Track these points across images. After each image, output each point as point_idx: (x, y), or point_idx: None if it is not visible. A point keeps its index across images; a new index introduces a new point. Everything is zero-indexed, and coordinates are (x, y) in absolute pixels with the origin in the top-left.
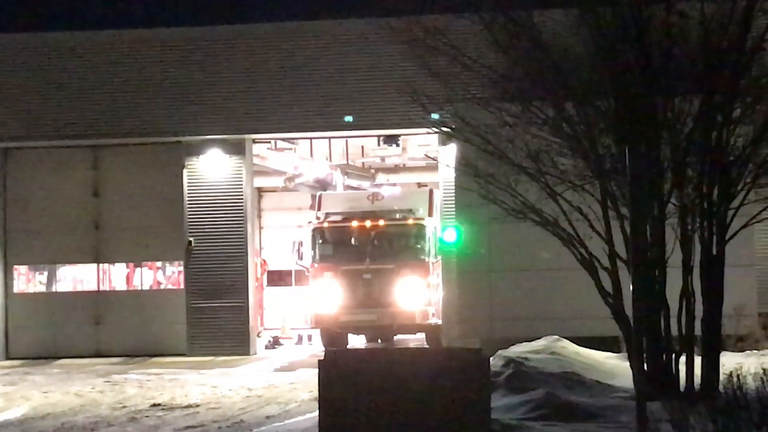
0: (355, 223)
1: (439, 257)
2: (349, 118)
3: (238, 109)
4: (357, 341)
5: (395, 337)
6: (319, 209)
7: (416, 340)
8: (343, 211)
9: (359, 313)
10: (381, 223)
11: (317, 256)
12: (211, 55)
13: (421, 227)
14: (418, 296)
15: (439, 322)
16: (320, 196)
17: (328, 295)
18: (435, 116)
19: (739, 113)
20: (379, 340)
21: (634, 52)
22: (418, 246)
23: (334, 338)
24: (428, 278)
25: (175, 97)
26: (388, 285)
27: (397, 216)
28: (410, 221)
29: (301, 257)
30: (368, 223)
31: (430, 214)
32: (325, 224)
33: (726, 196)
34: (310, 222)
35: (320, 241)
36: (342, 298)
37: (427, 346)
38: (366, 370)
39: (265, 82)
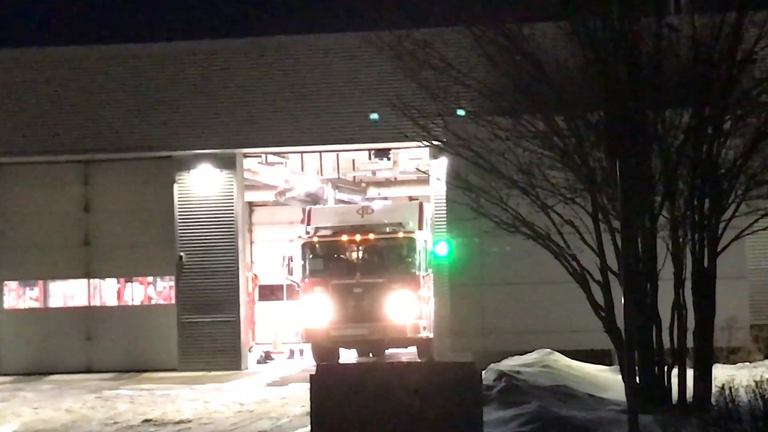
0: (345, 237)
1: (430, 270)
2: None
3: (229, 124)
4: (349, 356)
5: (387, 352)
6: (308, 223)
7: (408, 354)
8: (332, 225)
9: (350, 327)
10: (371, 236)
11: (307, 271)
12: (202, 70)
13: (412, 240)
14: (409, 310)
15: (431, 335)
16: (310, 210)
17: (319, 309)
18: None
19: (730, 126)
20: (371, 354)
21: (624, 65)
22: (409, 259)
23: (325, 353)
24: (419, 291)
25: (166, 112)
26: (378, 299)
27: (387, 229)
28: (400, 234)
29: (291, 272)
30: (358, 237)
31: (420, 228)
32: (315, 238)
33: (717, 209)
34: (300, 236)
35: (310, 255)
36: (332, 312)
37: (419, 360)
38: (358, 385)
39: (255, 97)
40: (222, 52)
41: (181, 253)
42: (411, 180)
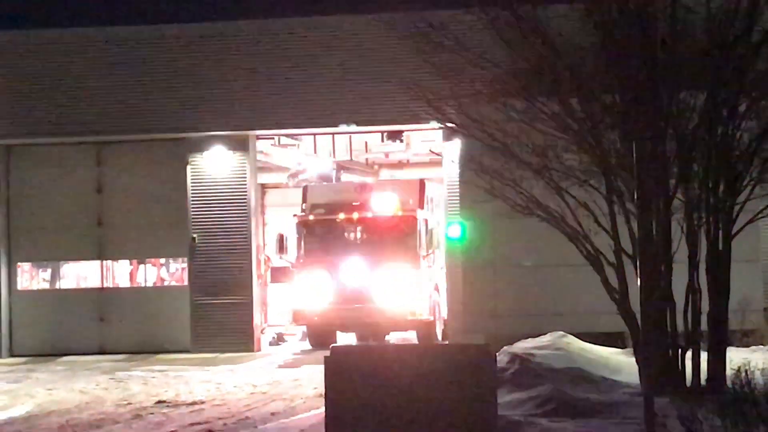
0: (341, 216)
1: (433, 251)
2: (352, 126)
3: (242, 106)
4: (347, 339)
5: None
6: (304, 201)
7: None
8: (329, 203)
9: (344, 309)
10: (368, 215)
11: (302, 250)
12: (215, 51)
13: (411, 220)
14: (407, 291)
15: (431, 318)
16: (305, 188)
17: (312, 290)
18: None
19: (745, 108)
20: (371, 339)
21: (639, 47)
22: (407, 239)
23: (321, 337)
24: (418, 273)
25: (179, 93)
26: (374, 280)
27: (385, 208)
28: (399, 213)
29: (284, 251)
30: (355, 216)
31: (420, 206)
32: (310, 217)
33: (732, 192)
34: (295, 215)
35: (305, 233)
36: (326, 293)
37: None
38: (372, 367)
39: (268, 79)
40: (234, 35)
41: (194, 235)
42: (424, 162)
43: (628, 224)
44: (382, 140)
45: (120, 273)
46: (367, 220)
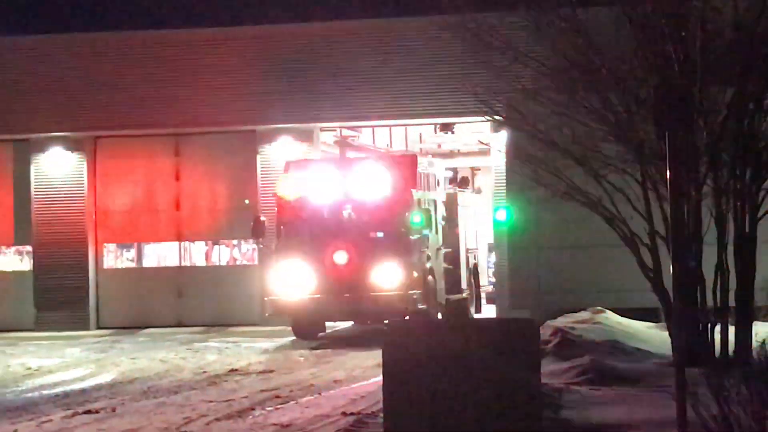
0: (324, 196)
1: (427, 234)
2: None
3: (308, 101)
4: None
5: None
6: (286, 179)
7: None
8: (311, 181)
9: (328, 300)
10: (354, 195)
11: (282, 234)
12: (283, 52)
13: (402, 200)
14: (398, 278)
15: (425, 306)
16: (287, 164)
17: (292, 278)
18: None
19: None
20: (368, 322)
21: (672, 45)
22: (398, 221)
23: (305, 326)
24: (410, 258)
25: (250, 89)
26: (362, 266)
27: (375, 186)
28: (390, 193)
29: (261, 235)
30: (341, 196)
31: (413, 186)
32: (291, 197)
33: (758, 179)
34: (275, 194)
35: (285, 216)
36: (308, 281)
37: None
38: (425, 339)
39: (332, 76)
40: (301, 36)
41: (263, 218)
42: (473, 152)
43: (662, 208)
44: (435, 132)
45: (196, 253)
46: (354, 200)
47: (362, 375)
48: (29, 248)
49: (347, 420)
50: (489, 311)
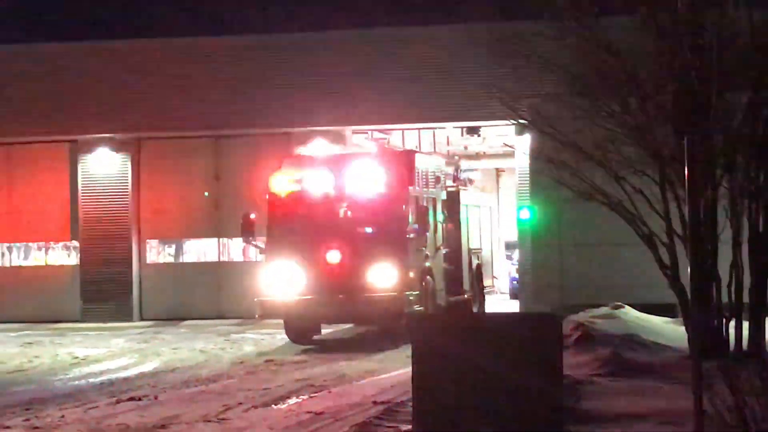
0: (317, 193)
1: (426, 233)
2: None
3: (340, 104)
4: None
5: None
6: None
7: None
8: (305, 178)
9: (318, 301)
10: (347, 192)
11: (273, 233)
12: (317, 57)
13: (399, 198)
14: (393, 278)
15: (421, 308)
16: (282, 161)
17: (282, 278)
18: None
19: None
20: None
21: (690, 53)
22: (395, 219)
23: (298, 329)
24: (407, 257)
25: (284, 94)
26: (356, 266)
27: (371, 183)
28: (385, 190)
29: (251, 234)
30: (334, 193)
31: (410, 183)
32: (283, 193)
33: None
34: (267, 192)
35: (276, 214)
36: (299, 281)
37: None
38: (452, 331)
39: (364, 81)
40: (333, 42)
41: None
42: (498, 154)
43: (679, 209)
44: (462, 135)
45: (234, 249)
46: (348, 197)
47: (393, 366)
48: (76, 243)
49: (377, 408)
50: (513, 306)
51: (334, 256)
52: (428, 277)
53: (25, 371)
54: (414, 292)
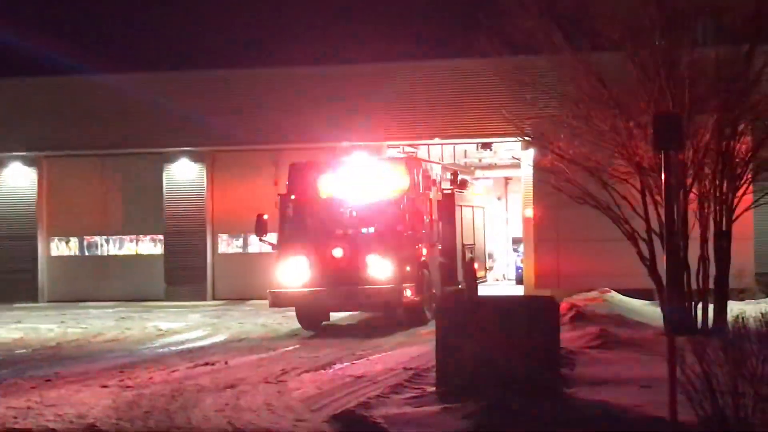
0: (326, 195)
1: (422, 231)
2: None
3: (378, 123)
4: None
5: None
6: (289, 179)
7: None
8: (315, 182)
9: (324, 292)
10: (355, 194)
11: (285, 231)
12: (357, 86)
13: (399, 199)
14: (391, 271)
15: (417, 299)
16: (291, 166)
17: (294, 272)
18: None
19: (743, 127)
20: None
21: (666, 83)
22: (395, 218)
23: (310, 317)
24: (405, 253)
25: (331, 115)
26: (357, 260)
27: (374, 186)
28: (387, 192)
29: (264, 232)
30: (341, 196)
31: (410, 185)
32: (293, 195)
33: (733, 188)
34: (279, 194)
35: (287, 213)
36: (307, 274)
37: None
38: (470, 310)
39: (398, 103)
40: (373, 73)
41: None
42: (507, 165)
43: (657, 211)
44: (477, 149)
45: None
46: (353, 199)
47: (416, 341)
48: (161, 237)
49: (407, 373)
50: (518, 291)
51: (339, 252)
52: (425, 270)
53: (119, 341)
54: (410, 284)
